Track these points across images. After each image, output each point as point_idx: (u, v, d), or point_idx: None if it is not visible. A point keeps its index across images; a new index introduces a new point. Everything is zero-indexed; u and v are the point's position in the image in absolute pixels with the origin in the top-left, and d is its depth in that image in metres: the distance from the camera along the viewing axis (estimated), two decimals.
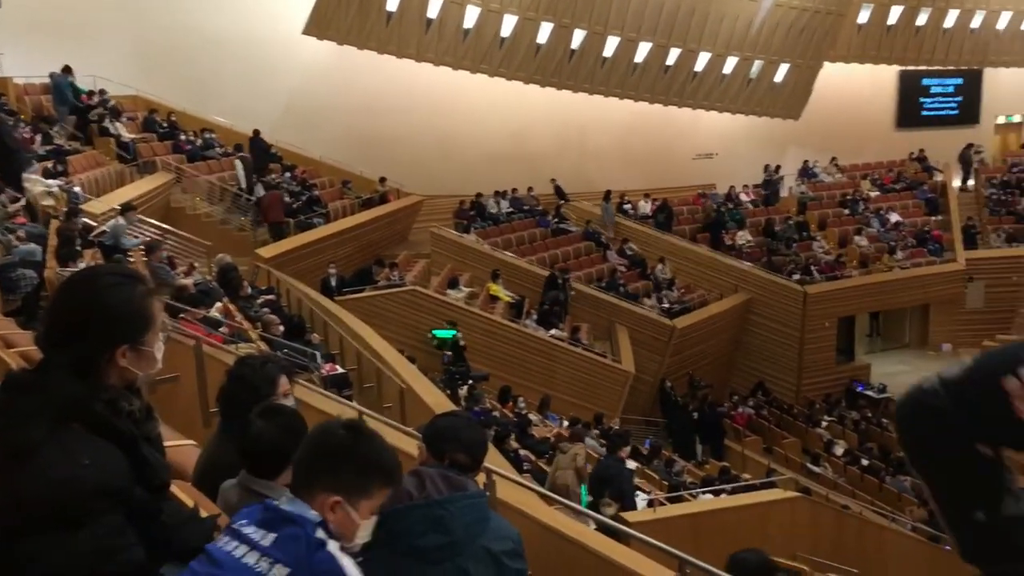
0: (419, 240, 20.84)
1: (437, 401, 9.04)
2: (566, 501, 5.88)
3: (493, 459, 7.69)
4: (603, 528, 5.69)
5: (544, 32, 21.84)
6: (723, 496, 11.03)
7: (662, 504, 10.19)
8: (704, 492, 11.35)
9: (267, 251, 15.66)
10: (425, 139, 22.64)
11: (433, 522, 2.55)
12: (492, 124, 23.37)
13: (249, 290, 11.68)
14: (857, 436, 19.05)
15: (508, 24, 21.64)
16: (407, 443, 4.70)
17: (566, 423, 15.02)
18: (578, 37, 22.02)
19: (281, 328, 10.44)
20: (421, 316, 16.45)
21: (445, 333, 15.89)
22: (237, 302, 10.64)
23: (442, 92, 22.57)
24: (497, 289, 18.46)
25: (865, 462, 17.32)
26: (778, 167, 25.41)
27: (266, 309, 11.12)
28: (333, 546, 1.91)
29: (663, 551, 3.52)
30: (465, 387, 14.17)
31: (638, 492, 11.21)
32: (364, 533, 2.04)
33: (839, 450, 18.17)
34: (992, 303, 23.36)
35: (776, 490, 10.17)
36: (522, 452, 11.65)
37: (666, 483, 12.59)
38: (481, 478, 3.96)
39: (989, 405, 1.14)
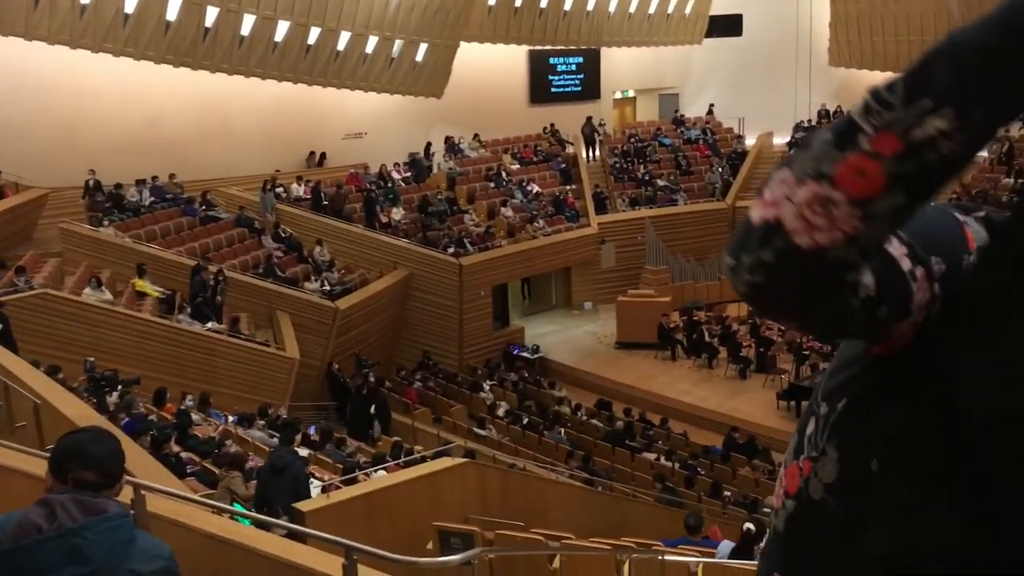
0: (47, 237, 18.87)
1: (81, 414, 8.22)
2: (236, 510, 5.61)
3: (149, 468, 7.17)
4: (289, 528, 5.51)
5: (173, 9, 20.51)
6: (397, 471, 11.20)
7: (337, 488, 10.11)
8: (378, 470, 11.44)
9: None
10: (44, 126, 20.45)
11: (69, 553, 2.31)
12: (124, 109, 21.62)
13: None
14: (517, 396, 20.24)
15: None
16: (43, 467, 4.21)
17: (231, 418, 14.45)
18: (211, 15, 20.94)
19: None
20: (57, 321, 14.92)
21: None
22: None
23: (61, 74, 20.49)
24: (144, 285, 17.22)
25: (525, 420, 18.44)
26: (427, 146, 26.13)
27: None
28: None
29: (330, 541, 3.47)
30: (115, 393, 13.08)
31: (312, 479, 11.07)
32: None
33: (502, 411, 19.19)
34: (622, 262, 25.88)
35: (446, 459, 10.50)
36: (184, 455, 11.04)
37: (340, 466, 12.53)
38: (130, 493, 3.65)
39: None
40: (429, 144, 26.19)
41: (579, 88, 30.23)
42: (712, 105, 30.86)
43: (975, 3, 25.14)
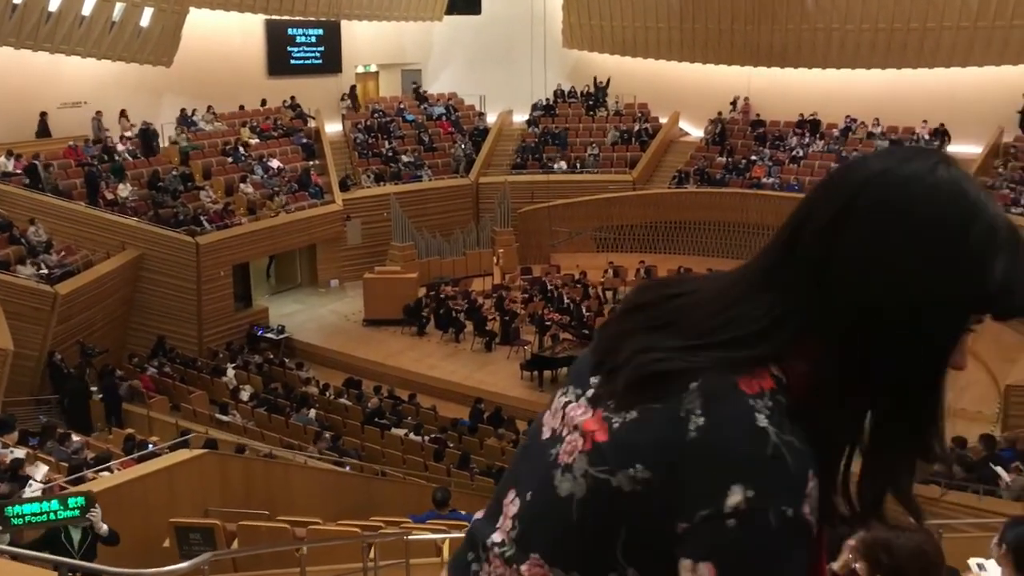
0: None
1: None
2: None
3: None
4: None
5: None
6: (130, 467, 10.50)
7: (62, 489, 9.34)
8: (107, 467, 10.68)
9: None
10: None
11: None
12: None
13: None
14: (261, 379, 19.62)
15: None
16: None
17: None
18: None
19: None
20: None
21: None
22: None
23: None
24: None
25: (272, 402, 17.92)
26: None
27: None
28: None
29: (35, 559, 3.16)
30: None
31: (31, 481, 10.15)
32: None
33: (246, 395, 18.54)
34: (369, 239, 25.74)
35: (183, 450, 9.97)
36: None
37: (65, 464, 11.59)
38: None
39: None
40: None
41: (320, 61, 29.49)
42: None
43: None
